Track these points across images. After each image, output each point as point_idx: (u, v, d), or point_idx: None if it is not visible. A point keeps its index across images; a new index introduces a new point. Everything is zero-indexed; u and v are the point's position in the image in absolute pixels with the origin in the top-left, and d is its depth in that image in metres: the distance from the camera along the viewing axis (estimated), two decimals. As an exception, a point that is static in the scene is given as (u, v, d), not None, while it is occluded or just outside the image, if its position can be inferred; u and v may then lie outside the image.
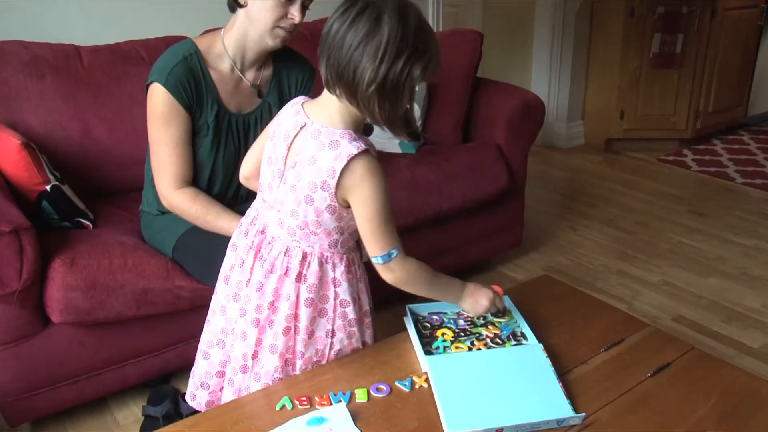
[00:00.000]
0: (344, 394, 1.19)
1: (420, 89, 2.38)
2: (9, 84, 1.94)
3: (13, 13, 2.19)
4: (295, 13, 1.57)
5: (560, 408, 1.14)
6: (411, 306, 1.43)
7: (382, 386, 1.21)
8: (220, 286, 1.38)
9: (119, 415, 1.83)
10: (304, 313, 1.25)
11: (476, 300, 1.33)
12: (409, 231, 2.19)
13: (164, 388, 1.87)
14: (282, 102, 1.76)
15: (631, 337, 1.37)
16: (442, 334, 1.34)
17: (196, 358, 1.43)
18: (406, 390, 1.20)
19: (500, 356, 1.27)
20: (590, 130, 4.10)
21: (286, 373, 1.29)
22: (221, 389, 1.39)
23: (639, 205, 3.22)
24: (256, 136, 1.72)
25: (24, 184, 1.72)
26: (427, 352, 1.28)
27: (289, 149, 1.21)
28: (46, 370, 1.66)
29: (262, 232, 1.29)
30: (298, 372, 1.29)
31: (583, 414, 1.14)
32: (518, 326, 1.38)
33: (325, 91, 1.18)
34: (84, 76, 2.04)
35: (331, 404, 1.17)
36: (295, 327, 1.26)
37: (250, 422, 1.14)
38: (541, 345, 1.29)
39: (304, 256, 1.24)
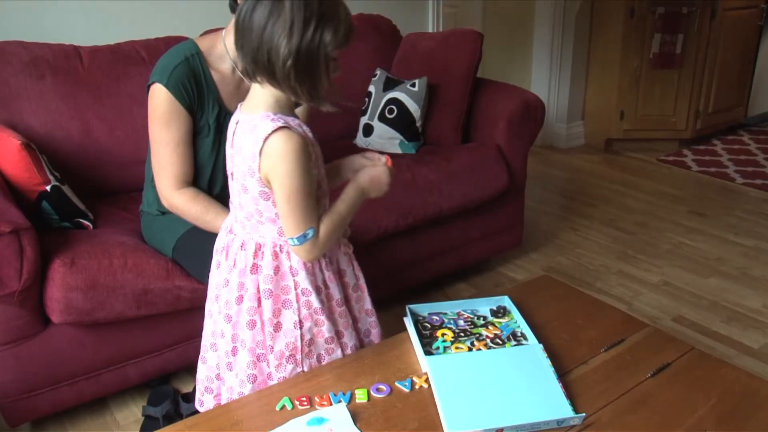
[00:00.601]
0: (344, 394, 1.19)
1: (420, 89, 2.38)
2: (9, 84, 1.94)
3: (13, 13, 2.19)
4: None
5: (560, 408, 1.14)
6: (411, 306, 1.43)
7: (383, 386, 1.21)
8: (208, 290, 1.39)
9: (119, 416, 1.83)
10: (266, 305, 1.26)
11: (379, 187, 1.33)
12: (409, 231, 2.19)
13: (164, 389, 1.87)
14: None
15: (631, 338, 1.37)
16: (442, 335, 1.34)
17: (198, 364, 1.44)
18: (406, 390, 1.20)
19: (500, 356, 1.27)
20: (590, 131, 4.10)
21: (260, 370, 1.31)
22: None
23: (639, 206, 3.22)
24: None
25: (24, 185, 1.72)
26: (427, 353, 1.28)
27: (231, 146, 1.25)
28: (47, 370, 1.66)
29: (230, 231, 1.32)
30: (272, 368, 1.30)
31: (583, 414, 1.14)
32: (518, 326, 1.38)
33: (253, 85, 1.19)
34: (84, 76, 2.04)
35: (331, 404, 1.17)
36: (261, 320, 1.27)
37: (250, 422, 1.14)
38: (541, 345, 1.29)
39: (258, 248, 1.26)
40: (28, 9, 2.21)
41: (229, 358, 1.32)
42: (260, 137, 1.14)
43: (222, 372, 1.36)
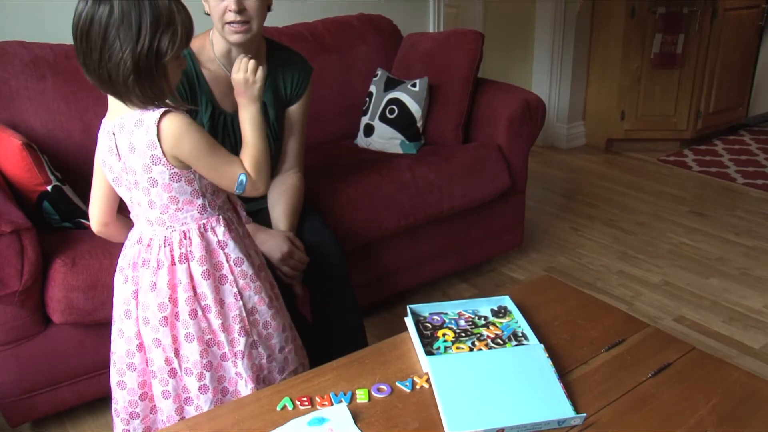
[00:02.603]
0: (345, 394, 1.19)
1: (421, 89, 2.38)
2: (10, 84, 1.94)
3: (13, 13, 2.19)
4: (228, 2, 1.55)
5: (561, 408, 1.14)
6: (412, 306, 1.43)
7: (383, 386, 1.21)
8: (114, 313, 1.35)
9: (120, 416, 1.83)
10: (205, 286, 1.26)
11: (250, 87, 1.35)
12: (409, 231, 2.19)
13: (165, 389, 1.87)
14: (278, 101, 1.75)
15: (631, 338, 1.37)
16: (443, 335, 1.34)
17: (112, 396, 1.37)
18: (407, 390, 1.20)
19: (501, 356, 1.26)
20: (591, 131, 4.10)
21: (213, 355, 1.30)
22: (152, 410, 1.36)
23: (640, 206, 3.22)
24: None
25: (25, 185, 1.72)
26: (428, 353, 1.28)
27: (119, 158, 1.22)
28: (47, 370, 1.66)
29: (139, 241, 1.29)
30: (226, 348, 1.30)
31: (584, 414, 1.14)
32: (519, 326, 1.38)
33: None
34: (85, 77, 2.04)
35: (332, 404, 1.17)
36: (201, 306, 1.26)
37: (251, 422, 1.14)
38: (542, 345, 1.29)
39: (184, 236, 1.25)
40: (29, 9, 2.21)
41: (172, 364, 1.29)
42: (151, 125, 1.14)
43: (163, 385, 1.30)
